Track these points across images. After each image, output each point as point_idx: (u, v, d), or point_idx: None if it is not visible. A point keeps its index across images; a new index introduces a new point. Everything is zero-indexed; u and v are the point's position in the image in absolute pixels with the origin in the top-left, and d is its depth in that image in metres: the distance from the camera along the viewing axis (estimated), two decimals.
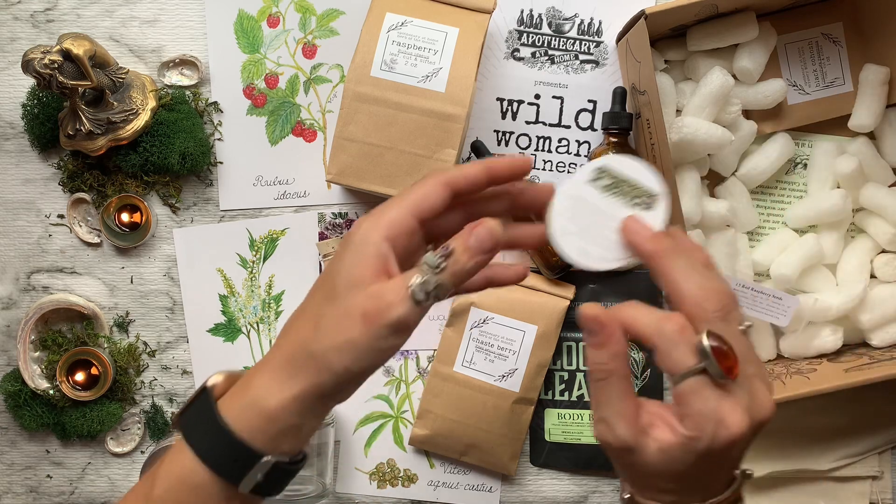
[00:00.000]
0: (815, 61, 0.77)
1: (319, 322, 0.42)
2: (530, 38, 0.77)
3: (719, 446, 0.41)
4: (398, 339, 0.42)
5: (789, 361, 0.77)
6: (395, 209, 0.43)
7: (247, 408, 0.43)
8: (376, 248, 0.42)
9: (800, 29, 0.77)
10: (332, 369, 0.41)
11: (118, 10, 0.77)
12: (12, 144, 0.78)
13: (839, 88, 0.77)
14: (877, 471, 0.79)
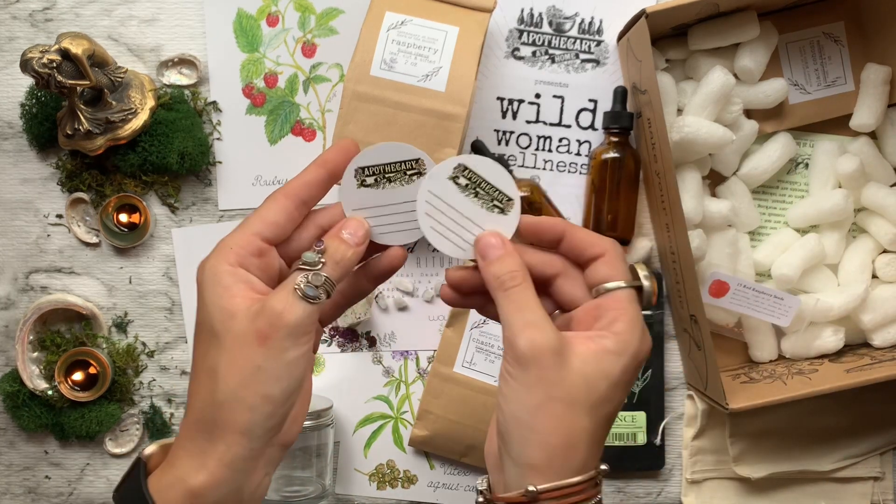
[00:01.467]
0: (817, 60, 0.77)
1: (215, 370, 0.39)
2: (531, 37, 0.77)
3: (643, 355, 0.42)
4: (302, 347, 0.40)
5: (790, 362, 0.77)
6: (236, 234, 0.42)
7: (172, 487, 0.39)
8: (231, 276, 0.40)
9: (801, 28, 0.77)
10: (248, 404, 0.39)
11: (117, 10, 0.77)
12: (10, 144, 0.78)
13: (840, 88, 0.77)
14: (878, 472, 0.79)
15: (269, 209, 0.43)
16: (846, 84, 0.77)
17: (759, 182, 0.76)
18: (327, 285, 0.41)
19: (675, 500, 0.80)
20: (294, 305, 0.39)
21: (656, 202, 0.74)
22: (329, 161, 0.44)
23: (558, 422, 0.39)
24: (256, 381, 0.39)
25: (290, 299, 0.39)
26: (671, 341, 0.79)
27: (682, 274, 0.71)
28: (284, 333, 0.39)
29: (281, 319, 0.39)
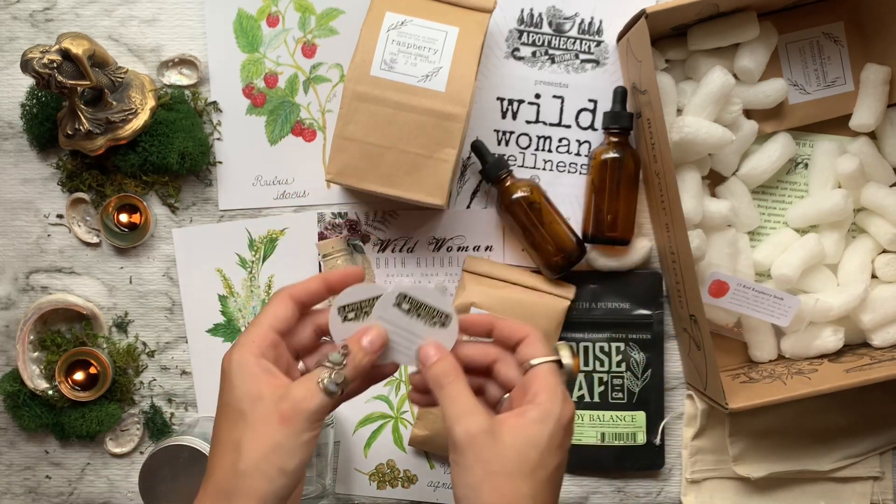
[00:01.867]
0: (817, 61, 0.77)
1: (239, 444, 0.45)
2: (531, 38, 0.77)
3: (566, 419, 0.48)
4: (315, 430, 0.47)
5: (790, 362, 0.77)
6: (255, 329, 0.49)
7: None
8: (257, 366, 0.47)
9: (801, 28, 0.77)
10: (267, 476, 0.45)
11: (117, 10, 0.77)
12: (11, 144, 0.78)
13: (840, 88, 0.77)
14: (878, 471, 0.79)
15: (279, 307, 0.50)
16: (846, 84, 0.77)
17: (758, 182, 0.76)
18: (345, 384, 0.48)
19: (674, 500, 0.80)
20: (316, 395, 0.47)
21: (656, 202, 0.75)
22: (331, 278, 0.52)
23: (499, 494, 0.45)
24: (275, 456, 0.45)
25: (313, 390, 0.47)
26: (671, 341, 0.79)
27: (682, 274, 0.71)
28: (304, 417, 0.46)
29: (302, 405, 0.46)
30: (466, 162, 0.78)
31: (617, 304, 0.78)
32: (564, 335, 0.77)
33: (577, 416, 0.78)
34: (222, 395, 0.48)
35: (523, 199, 0.74)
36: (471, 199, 0.78)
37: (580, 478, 0.80)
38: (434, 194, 0.68)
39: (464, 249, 0.79)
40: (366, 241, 0.79)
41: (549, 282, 0.76)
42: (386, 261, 0.79)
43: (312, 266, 0.79)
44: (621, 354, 0.78)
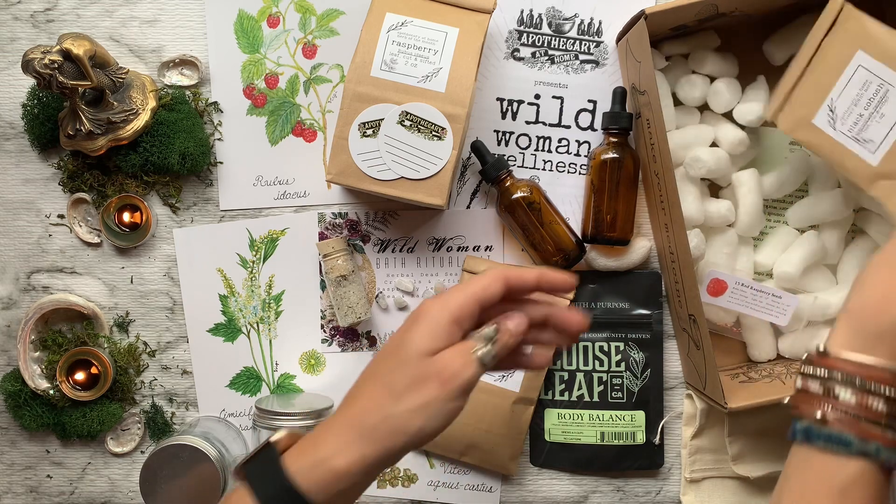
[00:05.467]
0: None
1: (394, 388, 0.48)
2: (530, 38, 0.77)
3: None
4: (463, 400, 0.48)
5: (789, 361, 0.77)
6: (462, 296, 0.50)
7: (314, 466, 0.47)
8: (447, 328, 0.49)
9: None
10: (407, 431, 0.47)
11: (118, 10, 0.77)
12: (12, 144, 0.78)
13: None
14: None
15: (493, 284, 0.51)
16: None
17: (778, 195, 0.77)
18: (495, 360, 0.50)
19: (674, 499, 0.80)
20: (473, 366, 0.49)
21: (655, 202, 0.75)
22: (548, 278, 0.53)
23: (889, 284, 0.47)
24: (421, 415, 0.47)
25: (469, 359, 0.49)
26: (670, 341, 0.79)
27: (681, 274, 0.71)
28: (458, 385, 0.48)
29: (461, 374, 0.48)
30: (466, 162, 0.78)
31: (616, 304, 0.78)
32: None
33: (576, 416, 0.78)
34: (401, 336, 0.50)
35: (523, 200, 0.74)
36: (471, 200, 0.79)
37: (580, 477, 0.80)
38: (434, 194, 0.68)
39: (464, 249, 0.79)
40: (366, 241, 0.79)
41: None
42: (386, 261, 0.79)
43: (313, 266, 0.79)
44: (621, 354, 0.78)
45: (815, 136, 0.61)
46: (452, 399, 0.47)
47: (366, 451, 0.47)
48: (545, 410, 0.78)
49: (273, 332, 0.79)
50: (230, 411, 0.80)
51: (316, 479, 0.46)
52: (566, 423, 0.78)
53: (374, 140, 0.68)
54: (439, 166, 0.68)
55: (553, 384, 0.78)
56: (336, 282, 0.75)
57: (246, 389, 0.80)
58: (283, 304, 0.79)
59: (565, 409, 0.78)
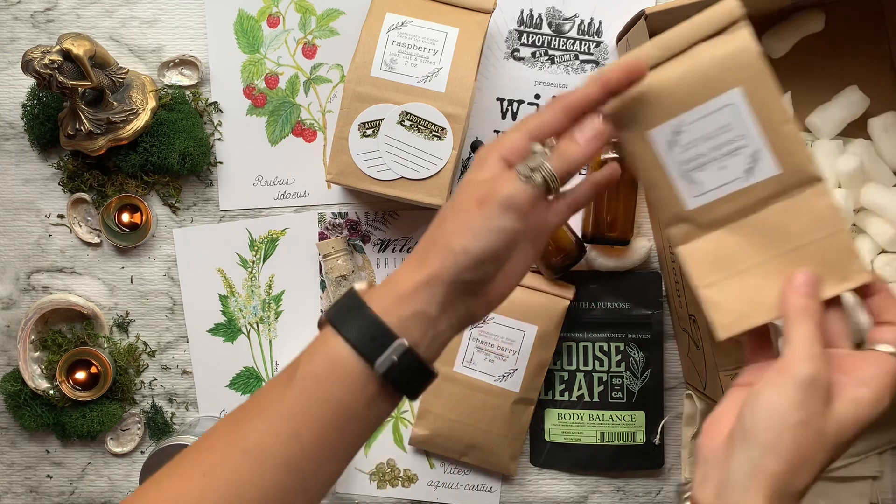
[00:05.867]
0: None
1: (445, 219, 0.47)
2: (530, 38, 0.77)
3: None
4: (509, 219, 0.46)
5: None
6: (514, 134, 0.48)
7: (384, 291, 0.46)
8: (493, 162, 0.47)
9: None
10: (452, 249, 0.45)
11: (118, 10, 0.77)
12: (12, 144, 0.78)
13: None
14: (877, 471, 0.79)
15: (549, 120, 0.48)
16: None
17: None
18: (543, 170, 0.46)
19: (674, 499, 0.80)
20: (509, 181, 0.46)
21: None
22: (611, 82, 0.47)
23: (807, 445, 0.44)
24: (463, 234, 0.45)
25: (508, 175, 0.46)
26: (670, 341, 0.79)
27: (681, 274, 0.71)
28: (496, 202, 0.45)
29: (497, 190, 0.46)
30: (466, 162, 0.78)
31: (616, 304, 0.78)
32: (564, 335, 0.77)
33: (576, 416, 0.78)
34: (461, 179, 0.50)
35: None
36: None
37: (580, 477, 0.80)
38: (434, 195, 0.68)
39: None
40: (366, 241, 0.79)
41: (548, 282, 0.76)
42: (386, 261, 0.79)
43: (313, 266, 0.79)
44: (621, 354, 0.78)
45: (644, 145, 0.49)
46: (491, 218, 0.45)
47: (422, 273, 0.46)
48: (545, 410, 0.78)
49: (273, 332, 0.79)
50: (230, 411, 0.80)
51: (384, 302, 0.46)
52: (566, 423, 0.78)
53: (374, 140, 0.68)
54: (439, 166, 0.68)
55: (553, 384, 0.78)
56: (336, 282, 0.75)
57: (246, 389, 0.80)
58: (283, 305, 0.79)
59: (565, 409, 0.78)
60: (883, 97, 0.77)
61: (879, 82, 0.77)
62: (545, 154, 0.47)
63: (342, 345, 0.45)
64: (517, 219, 0.46)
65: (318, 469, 0.45)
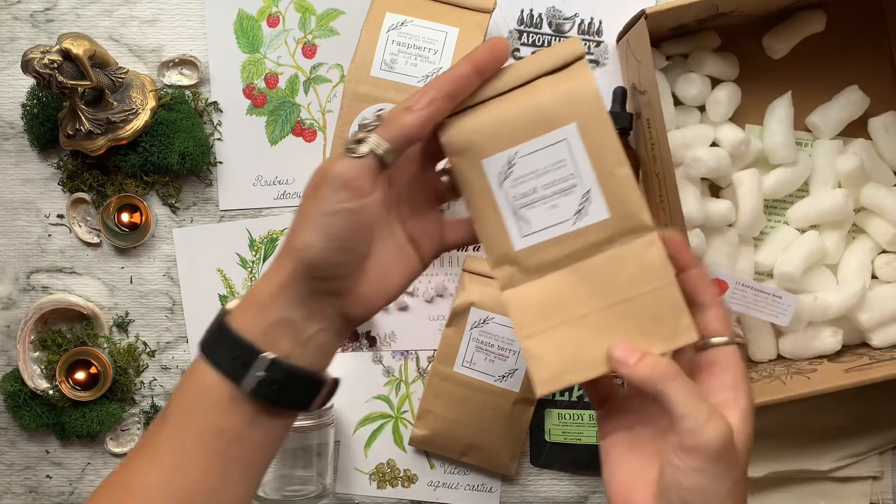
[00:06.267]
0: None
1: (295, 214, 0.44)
2: (530, 38, 0.77)
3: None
4: (342, 199, 0.42)
5: (790, 361, 0.77)
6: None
7: (245, 305, 0.44)
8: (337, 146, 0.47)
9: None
10: (296, 247, 0.42)
11: (118, 10, 0.77)
12: (12, 144, 0.78)
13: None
14: (877, 471, 0.79)
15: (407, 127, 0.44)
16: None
17: (777, 196, 0.77)
18: (368, 141, 0.42)
19: None
20: (337, 159, 0.43)
21: (656, 202, 0.75)
22: (479, 59, 0.44)
23: (741, 499, 0.42)
24: (303, 228, 0.42)
25: (336, 154, 0.43)
26: None
27: None
28: (326, 184, 0.42)
29: (326, 171, 0.42)
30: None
31: None
32: None
33: (576, 416, 0.78)
34: None
35: None
36: None
37: (580, 477, 0.80)
38: None
39: (464, 249, 0.79)
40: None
41: None
42: None
43: None
44: None
45: (476, 173, 0.45)
46: (325, 201, 0.41)
47: (277, 278, 0.43)
48: (545, 410, 0.78)
49: None
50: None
51: (245, 315, 0.43)
52: (566, 424, 0.78)
53: None
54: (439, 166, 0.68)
55: None
56: None
57: None
58: None
59: (565, 409, 0.78)
60: (883, 97, 0.77)
61: (880, 82, 0.77)
62: (373, 125, 0.43)
63: (209, 370, 0.43)
64: (352, 197, 0.42)
65: (215, 498, 0.43)
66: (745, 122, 0.77)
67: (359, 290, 0.44)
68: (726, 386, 0.43)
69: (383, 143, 0.42)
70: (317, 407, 0.46)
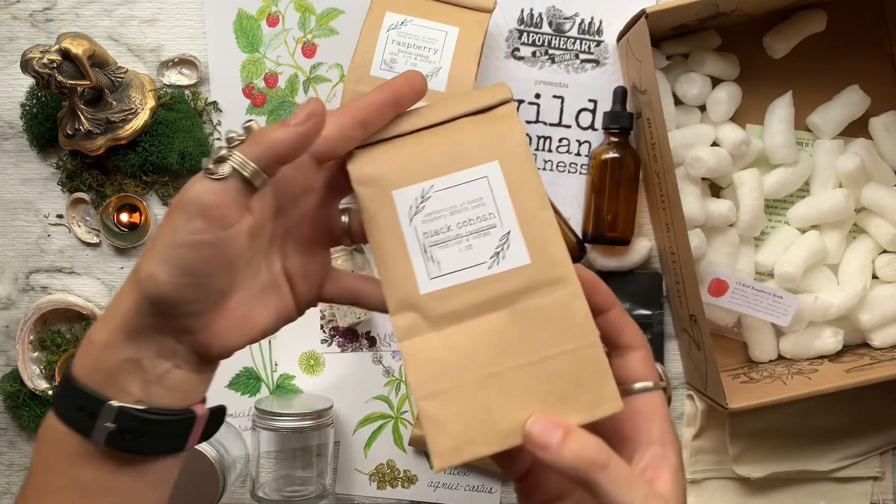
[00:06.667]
0: None
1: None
2: (531, 38, 0.77)
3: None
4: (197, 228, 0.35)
5: (790, 362, 0.77)
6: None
7: (83, 347, 0.38)
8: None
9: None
10: (139, 278, 0.36)
11: (117, 10, 0.77)
12: (11, 144, 0.78)
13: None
14: (878, 471, 0.79)
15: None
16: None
17: (777, 196, 0.77)
18: (235, 162, 0.36)
19: None
20: (196, 181, 0.36)
21: (656, 202, 0.74)
22: (394, 87, 0.40)
23: None
24: (150, 257, 0.36)
25: (196, 176, 0.36)
26: (671, 341, 0.79)
27: (682, 274, 0.71)
28: (180, 210, 0.36)
29: (183, 195, 0.36)
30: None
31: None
32: None
33: None
34: None
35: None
36: None
37: None
38: None
39: None
40: (365, 242, 0.79)
41: None
42: None
43: None
44: None
45: (384, 205, 0.41)
46: (179, 229, 0.35)
47: (116, 315, 0.37)
48: None
49: None
50: (230, 412, 0.79)
51: (84, 362, 0.38)
52: None
53: None
54: None
55: None
56: None
57: (245, 390, 0.79)
58: None
59: None
60: (884, 97, 0.77)
61: (880, 82, 0.77)
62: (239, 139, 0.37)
63: (59, 425, 0.38)
64: (210, 227, 0.35)
65: None
66: (745, 122, 0.77)
67: (215, 328, 0.39)
68: (653, 441, 0.39)
69: (249, 163, 0.36)
70: (194, 445, 0.40)
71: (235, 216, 0.36)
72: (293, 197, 0.41)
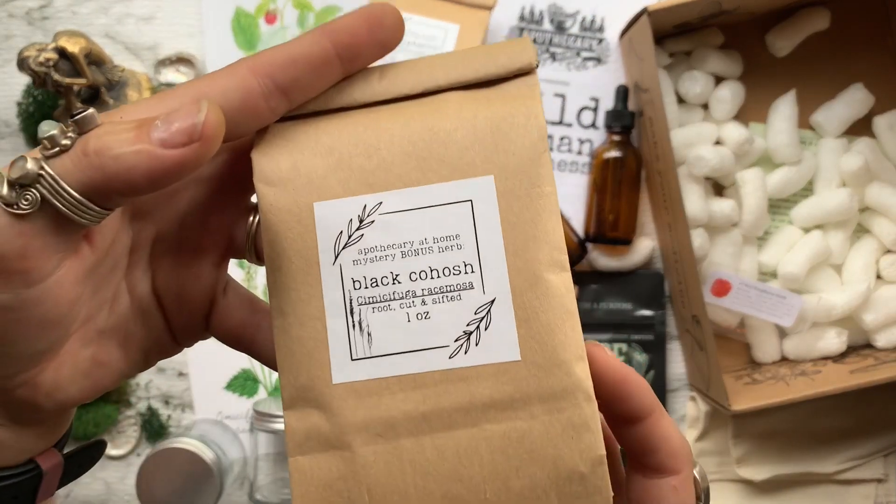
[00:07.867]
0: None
1: None
2: (532, 35, 0.77)
3: None
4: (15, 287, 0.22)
5: (794, 363, 0.76)
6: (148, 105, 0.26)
7: None
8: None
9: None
10: None
11: (114, 8, 0.77)
12: (7, 143, 0.78)
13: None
14: (882, 474, 0.79)
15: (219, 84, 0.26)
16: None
17: (781, 195, 0.76)
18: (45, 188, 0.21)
19: None
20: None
21: (658, 202, 0.74)
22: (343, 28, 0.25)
23: None
24: None
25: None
26: (673, 342, 0.78)
27: (685, 274, 0.70)
28: None
29: None
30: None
31: (619, 305, 0.77)
32: None
33: None
34: None
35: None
36: None
37: None
38: None
39: None
40: None
41: None
42: None
43: None
44: (623, 355, 0.77)
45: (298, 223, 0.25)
46: None
47: None
48: None
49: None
50: (227, 414, 0.79)
51: None
52: None
53: None
54: None
55: None
56: None
57: (243, 391, 0.79)
58: None
59: None
60: (888, 95, 0.76)
61: (884, 80, 0.77)
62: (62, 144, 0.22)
63: None
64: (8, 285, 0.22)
65: None
66: (748, 121, 0.76)
67: (43, 382, 0.26)
68: None
69: (68, 191, 0.22)
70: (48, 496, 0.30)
71: (47, 267, 0.23)
72: (165, 190, 0.25)
